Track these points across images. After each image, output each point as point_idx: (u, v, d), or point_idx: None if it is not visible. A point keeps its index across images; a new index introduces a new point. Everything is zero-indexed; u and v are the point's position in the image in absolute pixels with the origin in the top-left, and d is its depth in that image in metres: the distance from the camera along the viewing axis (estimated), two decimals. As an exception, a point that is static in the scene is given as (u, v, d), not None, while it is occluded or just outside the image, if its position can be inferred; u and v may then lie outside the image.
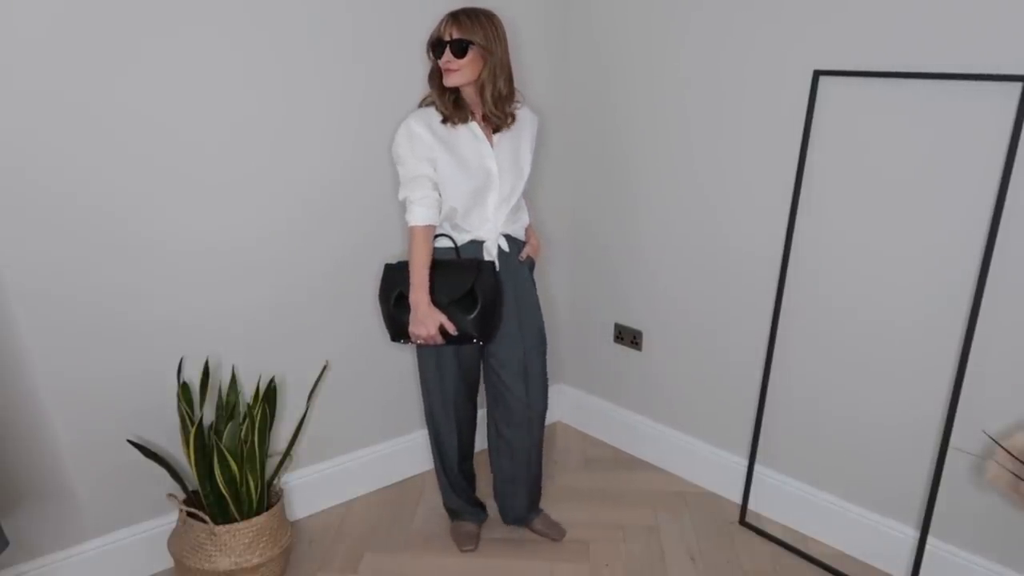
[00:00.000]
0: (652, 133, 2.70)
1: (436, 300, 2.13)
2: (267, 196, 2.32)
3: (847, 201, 2.23)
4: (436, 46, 2.10)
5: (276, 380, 2.39)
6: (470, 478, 2.58)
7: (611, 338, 3.08)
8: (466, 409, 2.43)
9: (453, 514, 2.57)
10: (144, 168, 2.08)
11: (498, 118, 2.17)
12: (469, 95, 2.16)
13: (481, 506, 2.62)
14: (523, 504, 2.53)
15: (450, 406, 2.37)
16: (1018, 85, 1.83)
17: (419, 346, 2.25)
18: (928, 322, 2.13)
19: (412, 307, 2.13)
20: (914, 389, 2.20)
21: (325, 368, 2.53)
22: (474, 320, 2.13)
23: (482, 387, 2.45)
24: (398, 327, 2.21)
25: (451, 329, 2.13)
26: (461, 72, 2.08)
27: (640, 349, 2.97)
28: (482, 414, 2.51)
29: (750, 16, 2.33)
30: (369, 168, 2.52)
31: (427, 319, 2.11)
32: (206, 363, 2.24)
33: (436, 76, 2.16)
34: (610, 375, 3.13)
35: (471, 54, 2.07)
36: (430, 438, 2.46)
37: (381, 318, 2.33)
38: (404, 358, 2.79)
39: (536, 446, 2.45)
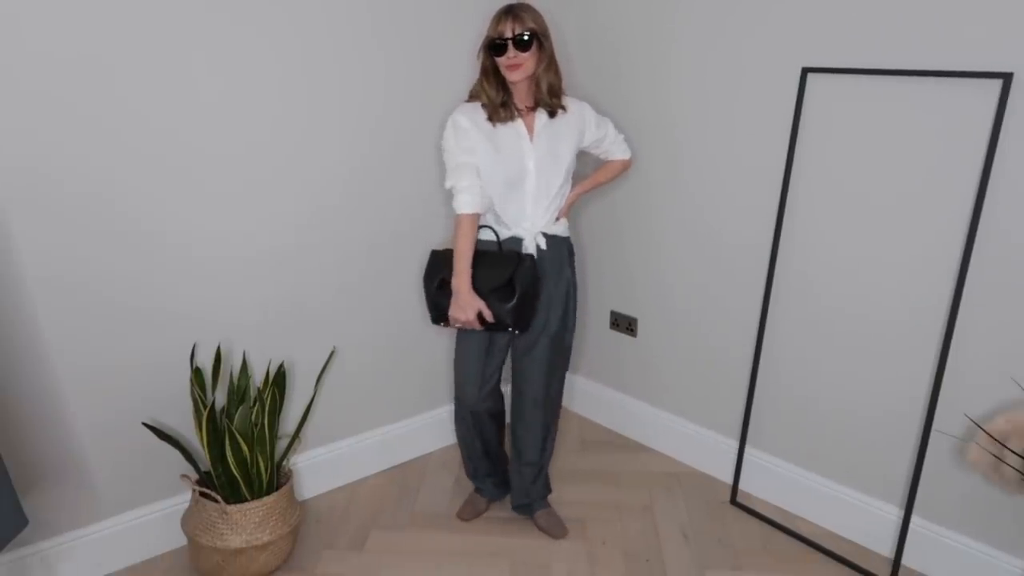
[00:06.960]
0: (646, 126, 2.73)
1: (476, 288, 2.17)
2: (279, 191, 2.36)
3: (834, 193, 2.27)
4: (494, 45, 2.09)
5: (285, 365, 2.43)
6: (495, 458, 2.60)
7: (607, 325, 3.13)
8: (495, 392, 2.43)
9: (476, 488, 2.65)
10: (155, 164, 2.11)
11: (552, 106, 2.19)
12: (521, 89, 2.17)
13: (499, 487, 2.64)
14: (525, 486, 2.53)
15: (485, 385, 2.36)
16: (998, 82, 1.88)
17: (458, 329, 2.30)
18: (912, 310, 2.18)
19: (454, 292, 2.18)
20: (899, 374, 2.25)
21: (332, 354, 2.59)
22: (511, 310, 2.17)
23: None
24: (439, 311, 2.26)
25: (488, 316, 2.17)
26: (525, 66, 2.09)
27: (635, 335, 3.02)
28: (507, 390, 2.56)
29: (740, 15, 2.37)
30: (383, 164, 2.56)
31: (467, 305, 2.16)
32: (218, 349, 2.28)
33: (490, 76, 2.15)
34: (606, 361, 3.19)
35: (533, 46, 2.08)
36: (455, 411, 2.47)
37: (424, 300, 2.39)
38: (409, 344, 2.84)
39: (542, 422, 2.45)
